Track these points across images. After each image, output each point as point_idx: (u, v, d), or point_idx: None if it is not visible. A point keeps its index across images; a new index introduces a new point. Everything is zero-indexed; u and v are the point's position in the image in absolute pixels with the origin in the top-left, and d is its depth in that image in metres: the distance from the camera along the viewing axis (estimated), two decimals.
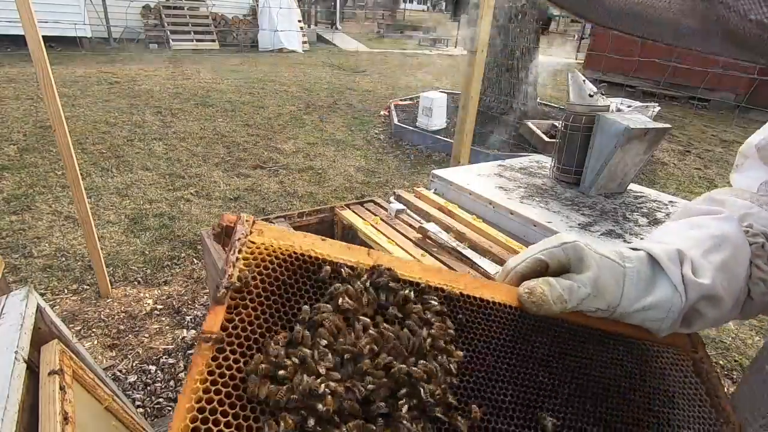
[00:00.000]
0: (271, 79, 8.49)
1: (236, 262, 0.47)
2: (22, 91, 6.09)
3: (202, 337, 0.42)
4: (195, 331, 2.34)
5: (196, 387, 0.40)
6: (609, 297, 0.60)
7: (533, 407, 0.54)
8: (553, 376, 0.57)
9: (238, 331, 0.44)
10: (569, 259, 0.60)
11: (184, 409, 0.39)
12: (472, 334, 0.56)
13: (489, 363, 0.55)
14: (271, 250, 0.50)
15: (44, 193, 3.55)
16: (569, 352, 0.60)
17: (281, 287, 0.49)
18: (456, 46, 17.35)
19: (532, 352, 0.58)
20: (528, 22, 5.88)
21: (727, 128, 7.87)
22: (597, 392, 0.58)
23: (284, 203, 3.84)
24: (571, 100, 1.62)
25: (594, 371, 0.60)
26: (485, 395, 0.52)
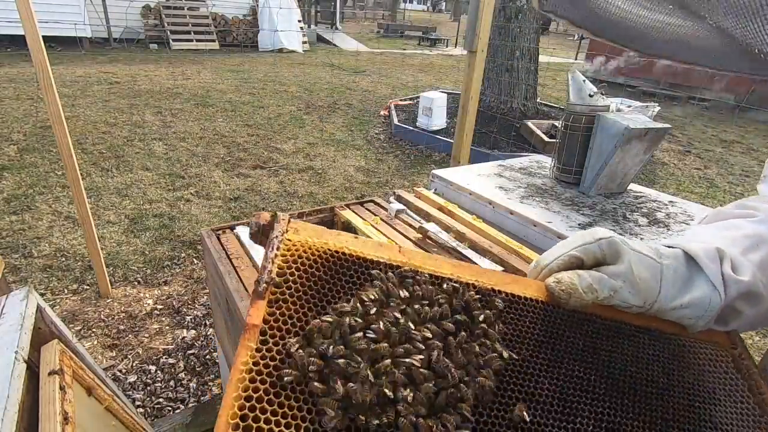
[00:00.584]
0: (271, 79, 8.49)
1: (275, 258, 0.50)
2: (22, 91, 6.09)
3: (248, 328, 0.44)
4: (195, 331, 2.34)
5: (242, 377, 0.41)
6: (645, 293, 0.58)
7: (570, 401, 0.53)
8: (589, 371, 0.56)
9: (279, 323, 0.46)
10: (605, 255, 0.60)
11: (232, 398, 0.40)
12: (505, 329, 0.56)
13: (523, 357, 0.55)
14: (307, 247, 0.52)
15: (44, 193, 3.55)
16: (604, 347, 0.59)
17: (318, 282, 0.51)
18: (456, 46, 17.35)
19: (566, 347, 0.57)
20: (528, 21, 5.88)
21: (727, 128, 7.87)
22: (634, 388, 0.57)
23: (284, 203, 3.84)
24: (571, 100, 1.62)
25: (630, 367, 0.59)
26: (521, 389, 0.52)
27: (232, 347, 1.18)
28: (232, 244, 1.21)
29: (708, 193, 4.91)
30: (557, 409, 0.51)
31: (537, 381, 0.53)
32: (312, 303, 0.49)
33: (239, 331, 1.02)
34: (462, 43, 9.39)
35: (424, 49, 16.07)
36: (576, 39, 18.35)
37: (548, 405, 0.51)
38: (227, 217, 3.51)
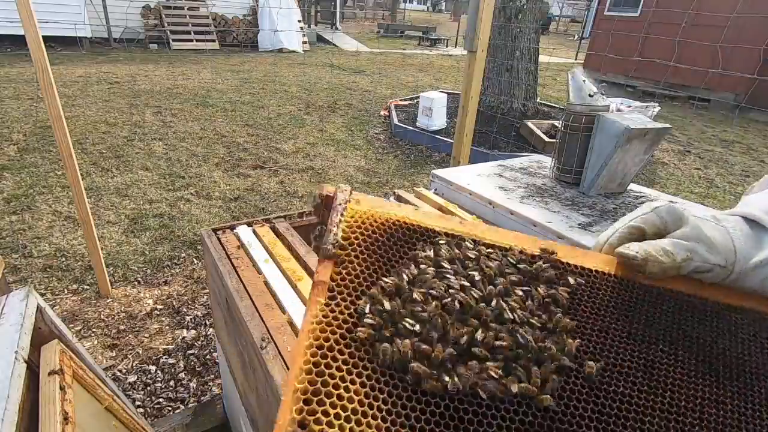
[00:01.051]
0: (271, 79, 8.49)
1: (339, 223, 0.53)
2: (22, 91, 6.09)
3: (317, 283, 0.47)
4: (195, 331, 2.34)
5: (313, 327, 0.44)
6: (723, 250, 0.55)
7: (657, 374, 0.49)
8: (675, 345, 0.52)
9: (345, 282, 0.48)
10: (665, 223, 0.57)
11: (304, 346, 0.42)
12: (577, 301, 0.54)
13: (600, 328, 0.52)
14: (369, 215, 0.55)
15: (44, 193, 3.55)
16: (689, 323, 0.55)
17: (381, 247, 0.53)
18: (456, 46, 17.35)
19: (646, 321, 0.53)
20: (528, 21, 5.88)
21: (727, 128, 7.87)
22: (729, 366, 0.52)
23: (284, 203, 3.84)
24: (571, 100, 1.62)
25: (722, 343, 0.54)
26: (599, 358, 0.49)
27: (233, 347, 1.18)
28: (232, 244, 1.21)
29: (708, 193, 4.91)
30: (642, 381, 0.48)
31: (617, 353, 0.50)
32: (376, 266, 0.51)
33: (239, 331, 1.02)
34: (462, 43, 9.41)
35: (424, 49, 16.07)
36: (576, 39, 18.35)
37: (631, 377, 0.49)
38: (227, 217, 3.51)
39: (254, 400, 1.01)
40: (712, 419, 0.47)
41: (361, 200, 0.57)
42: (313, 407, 0.39)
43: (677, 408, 0.47)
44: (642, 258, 0.54)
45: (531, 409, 0.43)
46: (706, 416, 0.47)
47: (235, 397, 1.31)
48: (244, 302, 0.97)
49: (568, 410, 0.44)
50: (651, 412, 0.46)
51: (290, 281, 1.06)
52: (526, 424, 0.42)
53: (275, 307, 0.96)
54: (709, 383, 0.50)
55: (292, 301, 0.99)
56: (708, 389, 0.50)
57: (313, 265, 1.11)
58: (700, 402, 0.48)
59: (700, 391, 0.49)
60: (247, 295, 0.99)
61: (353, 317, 0.46)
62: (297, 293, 1.02)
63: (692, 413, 0.47)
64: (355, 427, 0.38)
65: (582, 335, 0.51)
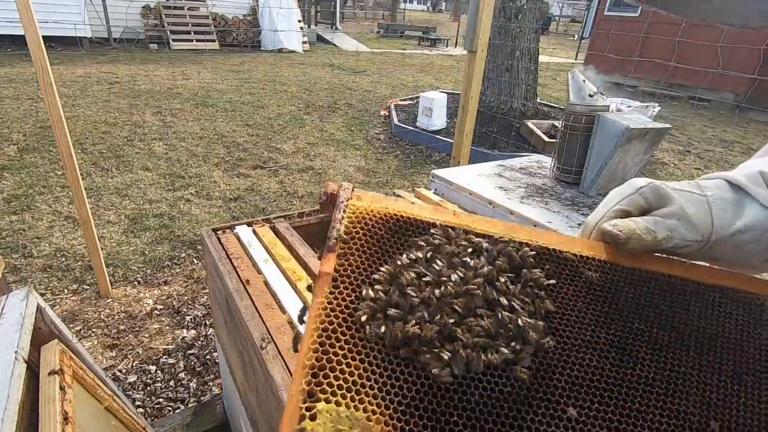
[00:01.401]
0: (271, 79, 8.49)
1: (342, 219, 0.58)
2: (22, 91, 6.09)
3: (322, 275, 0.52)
4: (195, 331, 2.34)
5: (319, 313, 0.49)
6: (701, 226, 0.58)
7: (628, 350, 0.53)
8: (650, 323, 0.56)
9: (348, 272, 0.53)
10: (650, 202, 0.60)
11: (311, 330, 0.47)
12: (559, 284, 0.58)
13: (579, 308, 0.56)
14: (369, 210, 0.60)
15: (44, 193, 3.55)
16: (666, 303, 0.59)
17: (380, 240, 0.58)
18: (456, 46, 17.35)
19: (624, 302, 0.57)
20: (528, 21, 5.88)
21: (727, 128, 7.87)
22: (701, 342, 0.56)
23: (284, 203, 3.84)
24: (571, 100, 1.62)
25: (697, 322, 0.57)
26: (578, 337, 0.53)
27: (233, 347, 1.18)
28: (232, 244, 1.21)
29: None
30: (615, 356, 0.53)
31: (593, 331, 0.54)
32: (375, 257, 0.56)
33: (239, 331, 1.02)
34: (462, 43, 9.42)
35: (424, 49, 16.07)
36: (576, 39, 18.34)
37: (605, 352, 0.53)
38: (227, 217, 3.51)
39: (254, 400, 1.01)
40: (677, 389, 0.52)
41: (362, 196, 0.61)
42: (320, 380, 0.44)
43: (645, 379, 0.51)
44: (625, 236, 0.57)
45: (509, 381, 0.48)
46: (672, 386, 0.52)
47: (235, 397, 1.31)
48: (244, 302, 0.97)
49: (543, 381, 0.49)
50: (620, 383, 0.51)
51: (290, 281, 1.06)
52: (505, 393, 0.47)
53: (275, 307, 0.96)
54: (678, 357, 0.54)
55: (292, 301, 0.99)
56: (677, 362, 0.54)
57: (313, 265, 1.11)
58: (668, 374, 0.52)
59: (669, 364, 0.53)
60: (247, 295, 0.99)
61: (354, 303, 0.51)
62: (297, 293, 1.02)
63: (659, 384, 0.51)
64: (355, 395, 0.44)
65: (561, 316, 0.55)
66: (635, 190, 0.61)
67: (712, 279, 0.62)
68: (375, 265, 0.56)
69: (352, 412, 0.43)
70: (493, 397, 0.46)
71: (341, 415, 0.42)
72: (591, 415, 0.47)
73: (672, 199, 0.59)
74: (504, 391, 0.47)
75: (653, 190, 0.60)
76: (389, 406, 0.44)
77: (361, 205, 0.60)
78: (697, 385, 0.52)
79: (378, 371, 0.46)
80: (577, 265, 0.60)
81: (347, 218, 0.58)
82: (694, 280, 0.61)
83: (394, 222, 0.60)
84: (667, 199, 0.60)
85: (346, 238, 0.56)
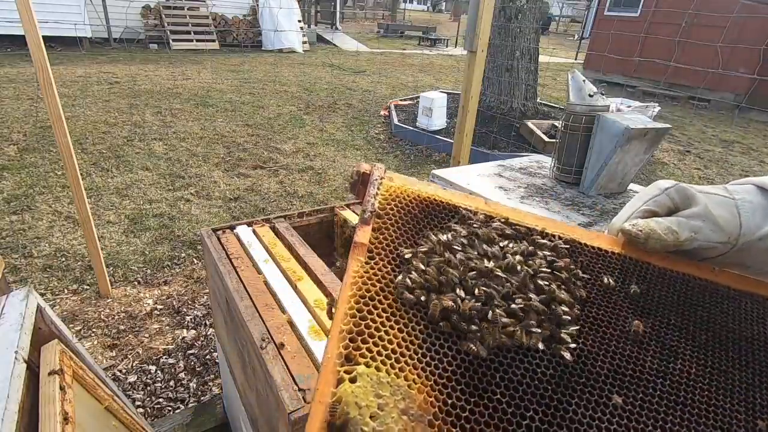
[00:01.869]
0: (271, 79, 8.49)
1: (376, 195, 0.58)
2: (22, 91, 6.09)
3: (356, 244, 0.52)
4: (195, 331, 2.34)
5: (355, 280, 0.49)
6: (727, 228, 0.57)
7: (668, 344, 0.52)
8: (686, 321, 0.55)
9: (382, 245, 0.53)
10: (676, 203, 0.60)
11: (347, 296, 0.47)
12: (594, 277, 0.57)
13: (614, 301, 0.55)
14: (402, 190, 0.61)
15: (44, 193, 3.55)
16: (700, 303, 0.58)
17: (413, 219, 0.58)
18: (456, 46, 17.35)
19: (659, 298, 0.57)
20: (528, 21, 5.88)
21: (727, 128, 7.87)
22: (739, 343, 0.55)
23: (284, 203, 3.84)
24: (571, 100, 1.62)
25: (732, 324, 0.57)
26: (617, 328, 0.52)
27: (233, 347, 1.18)
28: (232, 244, 1.21)
29: None
30: (655, 349, 0.52)
31: (631, 323, 0.53)
32: (409, 234, 0.56)
33: (239, 331, 1.02)
34: (462, 43, 9.43)
35: (424, 49, 16.06)
36: (576, 39, 18.34)
37: (645, 344, 0.52)
38: (227, 217, 3.51)
39: (254, 400, 1.01)
40: (721, 386, 0.50)
41: (394, 177, 0.62)
42: (358, 344, 0.43)
43: (687, 374, 0.50)
44: (644, 236, 0.57)
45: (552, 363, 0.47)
46: (715, 383, 0.50)
47: (235, 397, 1.31)
48: (244, 302, 0.97)
49: (585, 368, 0.48)
50: (663, 375, 0.49)
51: (290, 281, 1.06)
52: (548, 375, 0.46)
53: (275, 307, 0.96)
54: (718, 355, 0.53)
55: (292, 301, 0.99)
56: (717, 360, 0.52)
57: (313, 265, 1.11)
58: (709, 371, 0.51)
59: (710, 361, 0.52)
60: (247, 295, 0.99)
61: (390, 275, 0.51)
62: (297, 293, 1.02)
63: (702, 379, 0.50)
64: (395, 363, 0.43)
65: (597, 307, 0.54)
66: (661, 191, 0.61)
67: (741, 285, 0.61)
68: (410, 242, 0.55)
69: (393, 378, 0.41)
70: (536, 378, 0.45)
71: (382, 381, 0.41)
72: (637, 404, 0.46)
73: (698, 200, 0.59)
74: (547, 374, 0.46)
75: (679, 191, 0.60)
76: (430, 378, 0.43)
77: (394, 184, 0.61)
78: (740, 384, 0.51)
79: (417, 342, 0.45)
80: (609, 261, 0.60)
81: (381, 195, 0.58)
82: (724, 284, 0.60)
83: (428, 204, 0.61)
84: (693, 200, 0.59)
85: (381, 213, 0.56)
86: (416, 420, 0.39)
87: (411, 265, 0.51)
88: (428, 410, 0.40)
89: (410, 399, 0.40)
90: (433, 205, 0.61)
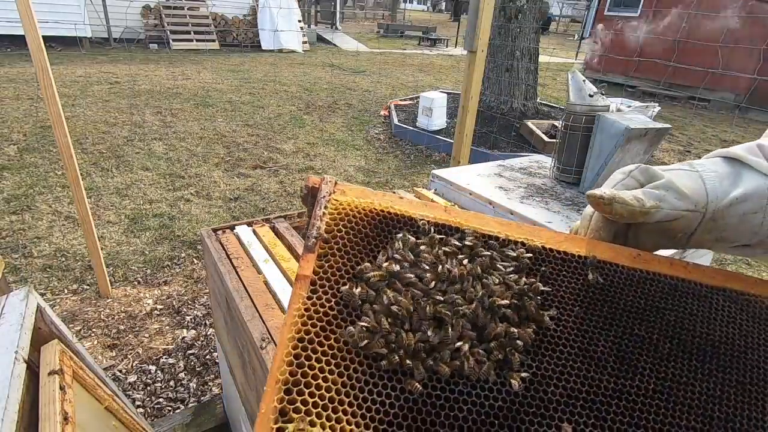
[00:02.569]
0: (271, 79, 8.49)
1: (323, 216, 0.54)
2: (22, 91, 6.09)
3: (300, 278, 0.49)
4: (195, 331, 2.34)
5: (295, 321, 0.46)
6: (693, 196, 0.57)
7: (629, 360, 0.51)
8: (651, 330, 0.54)
9: (328, 275, 0.50)
10: (641, 183, 0.61)
11: (286, 339, 0.44)
12: (557, 287, 0.55)
13: (576, 314, 0.53)
14: (353, 206, 0.56)
15: (44, 193, 3.55)
16: (668, 307, 0.56)
17: (365, 239, 0.54)
18: (456, 46, 17.35)
19: (624, 306, 0.55)
20: (528, 21, 5.88)
21: (727, 128, 7.88)
22: (704, 349, 0.53)
23: (284, 203, 3.84)
24: (571, 100, 1.62)
25: (700, 328, 0.55)
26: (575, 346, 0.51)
27: (233, 347, 1.18)
28: (232, 244, 1.21)
29: None
30: (614, 366, 0.50)
31: (591, 338, 0.52)
32: (359, 258, 0.52)
33: (239, 331, 1.02)
34: (462, 43, 9.42)
35: (424, 49, 16.06)
36: (576, 39, 18.34)
37: (603, 362, 0.50)
38: (227, 217, 3.51)
39: (254, 400, 1.01)
40: (678, 401, 0.49)
41: (346, 191, 0.57)
42: (293, 397, 0.41)
43: (645, 391, 0.49)
44: (609, 196, 0.56)
45: (501, 394, 0.45)
46: (673, 398, 0.49)
47: (235, 397, 1.31)
48: (244, 302, 0.97)
49: (537, 394, 0.46)
50: (618, 396, 0.48)
51: (290, 281, 1.06)
52: (496, 408, 0.44)
53: (275, 307, 0.96)
54: (680, 366, 0.52)
55: None
56: (678, 372, 0.51)
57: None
58: (668, 384, 0.50)
59: (670, 374, 0.51)
60: (247, 295, 0.99)
61: (333, 311, 0.48)
62: None
63: (659, 396, 0.49)
64: (332, 414, 0.41)
65: (557, 323, 0.52)
66: (626, 174, 0.62)
67: (716, 280, 0.60)
68: (359, 266, 0.52)
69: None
70: (483, 413, 0.44)
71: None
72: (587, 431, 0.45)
73: (661, 175, 0.60)
74: (495, 406, 0.45)
75: (643, 171, 0.61)
76: (370, 424, 0.41)
77: (344, 200, 0.56)
78: (699, 396, 0.50)
79: (359, 386, 0.43)
80: (576, 266, 0.57)
81: (329, 215, 0.54)
82: (697, 282, 0.59)
83: (380, 219, 0.56)
84: (657, 176, 0.61)
85: (327, 237, 0.52)
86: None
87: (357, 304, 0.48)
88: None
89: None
90: (388, 218, 0.56)
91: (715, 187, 0.58)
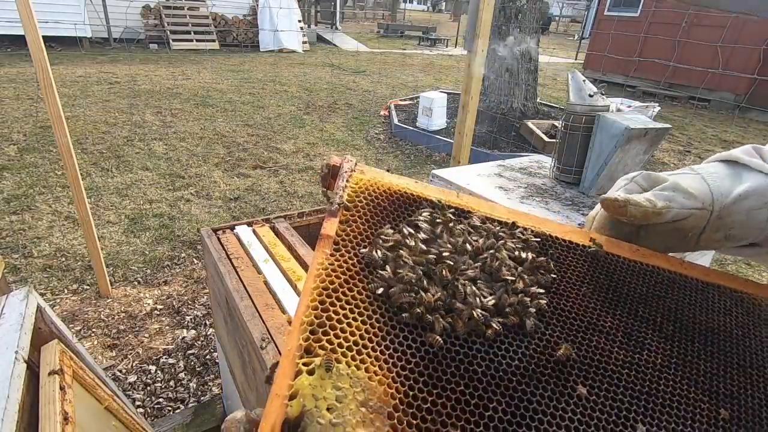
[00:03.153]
0: (271, 79, 8.49)
1: (345, 188, 0.57)
2: (22, 91, 6.09)
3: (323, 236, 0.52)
4: (195, 331, 2.34)
5: (320, 272, 0.48)
6: (700, 195, 0.59)
7: (636, 336, 0.53)
8: (654, 312, 0.56)
9: (349, 237, 0.53)
10: (644, 188, 0.63)
11: (310, 288, 0.46)
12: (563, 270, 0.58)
13: (584, 294, 0.56)
14: (373, 182, 0.60)
15: (44, 193, 3.55)
16: (669, 296, 0.59)
17: (383, 212, 0.58)
18: (456, 46, 17.35)
19: (629, 291, 0.58)
20: (528, 21, 5.88)
21: (727, 128, 7.87)
22: (705, 334, 0.56)
23: (284, 203, 3.84)
24: (571, 100, 1.62)
25: (700, 315, 0.58)
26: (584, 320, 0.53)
27: (233, 347, 1.18)
28: (232, 244, 1.21)
29: None
30: (622, 340, 0.52)
31: (599, 314, 0.54)
32: (377, 228, 0.56)
33: (239, 331, 1.02)
34: (462, 43, 9.43)
35: (424, 49, 16.06)
36: (576, 39, 18.33)
37: (611, 336, 0.52)
38: (227, 217, 3.51)
39: (254, 400, 1.01)
40: (685, 376, 0.51)
41: (365, 170, 0.61)
42: (319, 336, 0.43)
43: (653, 364, 0.51)
44: (623, 199, 0.59)
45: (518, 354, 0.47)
46: (680, 373, 0.51)
47: (235, 397, 1.31)
48: (244, 302, 0.97)
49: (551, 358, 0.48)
50: (629, 366, 0.50)
51: (290, 281, 1.06)
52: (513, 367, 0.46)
53: (275, 307, 0.96)
54: (684, 346, 0.54)
55: (292, 301, 0.98)
56: (683, 351, 0.53)
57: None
58: (674, 361, 0.52)
59: (675, 352, 0.53)
60: (247, 295, 0.99)
61: (355, 267, 0.50)
62: (297, 293, 1.02)
63: (667, 369, 0.51)
64: (356, 355, 0.42)
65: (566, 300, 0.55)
66: (629, 180, 0.64)
67: (709, 278, 0.63)
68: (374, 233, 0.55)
69: (353, 370, 0.41)
70: (500, 370, 0.45)
71: (341, 372, 0.40)
72: (601, 395, 0.46)
73: (665, 179, 0.62)
74: (512, 365, 0.46)
75: (646, 177, 0.63)
76: (392, 370, 0.42)
77: (364, 177, 0.60)
78: (704, 374, 0.52)
79: (381, 334, 0.45)
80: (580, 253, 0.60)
81: (350, 188, 0.58)
82: (693, 276, 0.62)
83: (398, 197, 0.60)
84: (660, 180, 0.63)
85: (349, 206, 0.56)
86: (375, 412, 0.39)
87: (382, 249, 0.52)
88: (388, 402, 0.40)
89: (370, 391, 0.40)
90: (404, 197, 0.60)
91: (718, 186, 0.60)
